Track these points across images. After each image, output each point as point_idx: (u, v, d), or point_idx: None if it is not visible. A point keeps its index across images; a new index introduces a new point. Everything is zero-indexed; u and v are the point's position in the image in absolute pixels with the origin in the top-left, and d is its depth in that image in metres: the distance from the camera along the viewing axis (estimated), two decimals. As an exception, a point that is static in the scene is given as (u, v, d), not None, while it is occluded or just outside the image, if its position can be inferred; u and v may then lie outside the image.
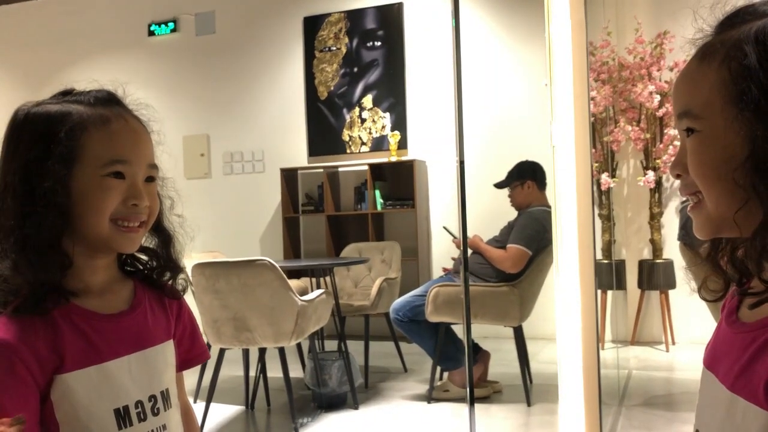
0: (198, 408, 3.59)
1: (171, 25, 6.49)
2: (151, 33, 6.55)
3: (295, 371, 4.03)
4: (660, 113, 4.76)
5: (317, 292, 3.27)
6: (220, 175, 6.43)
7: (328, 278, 3.80)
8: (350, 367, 3.50)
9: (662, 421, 3.14)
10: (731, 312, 0.76)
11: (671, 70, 4.83)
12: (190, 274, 3.13)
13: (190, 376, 4.31)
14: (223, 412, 3.54)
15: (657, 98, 4.67)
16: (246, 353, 3.55)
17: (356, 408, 3.48)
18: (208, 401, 3.21)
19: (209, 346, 3.69)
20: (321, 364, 3.46)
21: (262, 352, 3.51)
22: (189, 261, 3.68)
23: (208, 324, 3.11)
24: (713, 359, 0.77)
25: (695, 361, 4.33)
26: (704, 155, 0.70)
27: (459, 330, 3.71)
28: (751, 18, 0.70)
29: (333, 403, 3.51)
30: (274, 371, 3.79)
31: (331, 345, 4.46)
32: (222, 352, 3.25)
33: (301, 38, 6.11)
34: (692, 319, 4.84)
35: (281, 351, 3.17)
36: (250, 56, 6.31)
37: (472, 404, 1.94)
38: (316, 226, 6.01)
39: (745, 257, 0.73)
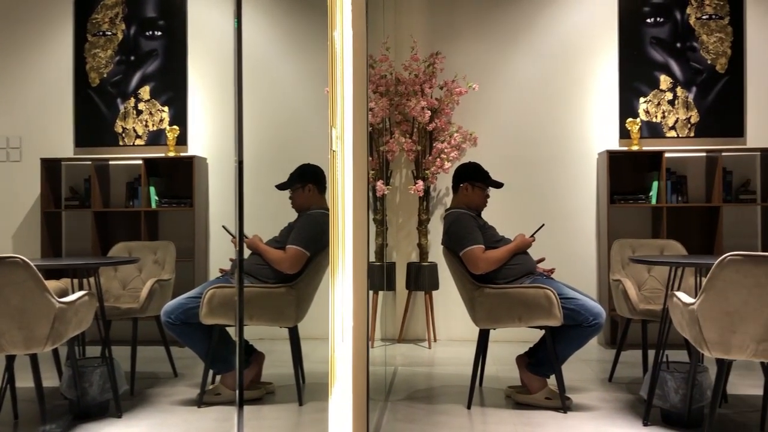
0: (-74, 427, 3.13)
1: None
2: None
3: (53, 380, 3.69)
4: (430, 127, 5.13)
5: (79, 293, 3.03)
6: (-35, 162, 5.67)
7: (92, 279, 3.53)
8: (114, 374, 3.30)
9: (423, 413, 3.38)
10: None
11: (441, 88, 5.23)
12: None
13: None
14: (-42, 429, 3.12)
15: (428, 113, 5.03)
16: (-10, 362, 3.18)
17: (119, 416, 3.28)
18: (-60, 418, 2.81)
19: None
20: (81, 372, 3.20)
21: (11, 359, 3.16)
22: None
23: (-58, 330, 2.73)
24: None
25: (454, 356, 4.73)
26: None
27: (233, 332, 3.66)
28: None
29: (93, 412, 3.27)
30: (26, 381, 3.43)
31: (94, 351, 4.15)
32: (-40, 361, 2.87)
33: (71, 19, 5.63)
34: (451, 318, 5.29)
35: (33, 358, 2.88)
36: (7, 32, 5.66)
37: (241, 407, 1.93)
38: (81, 223, 5.56)
39: None
